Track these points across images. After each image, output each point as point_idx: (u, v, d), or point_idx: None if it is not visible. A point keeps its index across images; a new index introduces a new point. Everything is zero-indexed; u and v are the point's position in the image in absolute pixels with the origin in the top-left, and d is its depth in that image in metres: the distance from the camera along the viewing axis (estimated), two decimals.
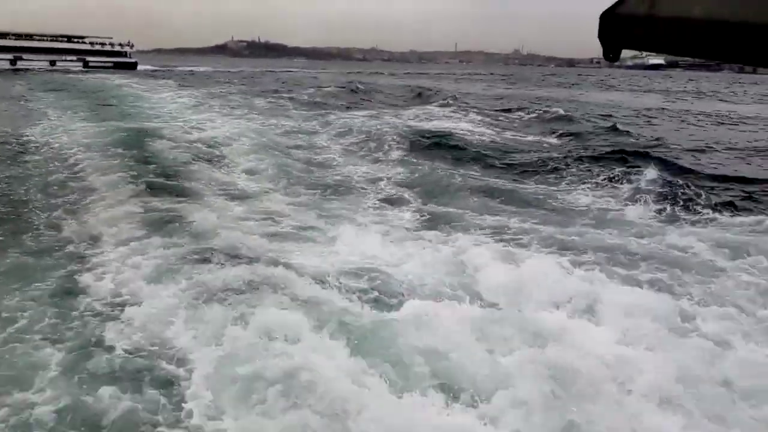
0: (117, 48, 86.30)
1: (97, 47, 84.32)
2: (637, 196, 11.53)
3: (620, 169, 13.63)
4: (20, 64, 74.23)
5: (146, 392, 4.84)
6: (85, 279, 7.03)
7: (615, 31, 1.74)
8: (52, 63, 77.09)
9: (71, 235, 8.64)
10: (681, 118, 30.29)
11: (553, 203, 11.38)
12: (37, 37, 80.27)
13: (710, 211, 10.51)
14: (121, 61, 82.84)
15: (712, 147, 18.76)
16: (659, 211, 10.68)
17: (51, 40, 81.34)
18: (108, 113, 25.26)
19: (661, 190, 11.67)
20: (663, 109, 35.82)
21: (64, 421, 4.46)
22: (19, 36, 78.48)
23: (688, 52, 1.55)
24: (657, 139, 19.86)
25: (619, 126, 22.77)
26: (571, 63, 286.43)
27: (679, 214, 10.50)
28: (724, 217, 10.29)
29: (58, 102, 30.37)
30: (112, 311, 6.21)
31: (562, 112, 28.06)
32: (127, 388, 4.83)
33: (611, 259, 7.95)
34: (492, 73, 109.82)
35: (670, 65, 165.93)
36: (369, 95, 39.75)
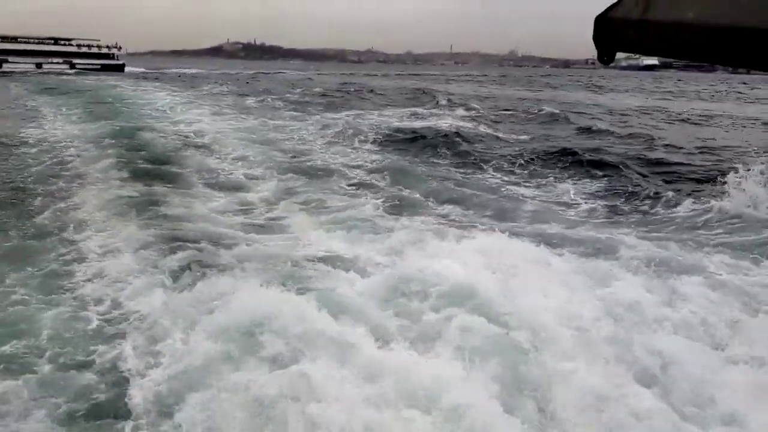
0: (104, 50, 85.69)
1: (84, 49, 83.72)
2: (586, 190, 12.39)
3: (576, 164, 14.45)
4: (6, 67, 73.58)
5: (123, 350, 5.59)
6: (73, 259, 7.81)
7: (609, 35, 1.80)
8: (39, 66, 76.39)
9: (61, 220, 9.48)
10: (652, 116, 31.17)
11: (508, 194, 12.20)
12: (23, 40, 79.67)
13: (651, 204, 11.31)
14: (108, 63, 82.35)
15: (671, 144, 19.54)
16: (603, 204, 11.46)
17: (37, 43, 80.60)
18: (101, 111, 26.21)
19: (610, 183, 12.55)
20: (640, 107, 36.83)
21: (58, 370, 5.26)
22: (4, 38, 77.94)
23: (681, 55, 1.60)
24: (622, 137, 20.77)
25: (591, 124, 23.68)
26: (566, 64, 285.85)
27: (621, 207, 11.31)
28: (665, 211, 11.01)
29: (54, 101, 31.29)
30: (96, 286, 6.96)
31: (544, 110, 29.05)
32: (108, 347, 5.63)
33: (554, 243, 8.62)
34: (486, 75, 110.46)
35: (664, 66, 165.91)
36: (359, 95, 40.61)
